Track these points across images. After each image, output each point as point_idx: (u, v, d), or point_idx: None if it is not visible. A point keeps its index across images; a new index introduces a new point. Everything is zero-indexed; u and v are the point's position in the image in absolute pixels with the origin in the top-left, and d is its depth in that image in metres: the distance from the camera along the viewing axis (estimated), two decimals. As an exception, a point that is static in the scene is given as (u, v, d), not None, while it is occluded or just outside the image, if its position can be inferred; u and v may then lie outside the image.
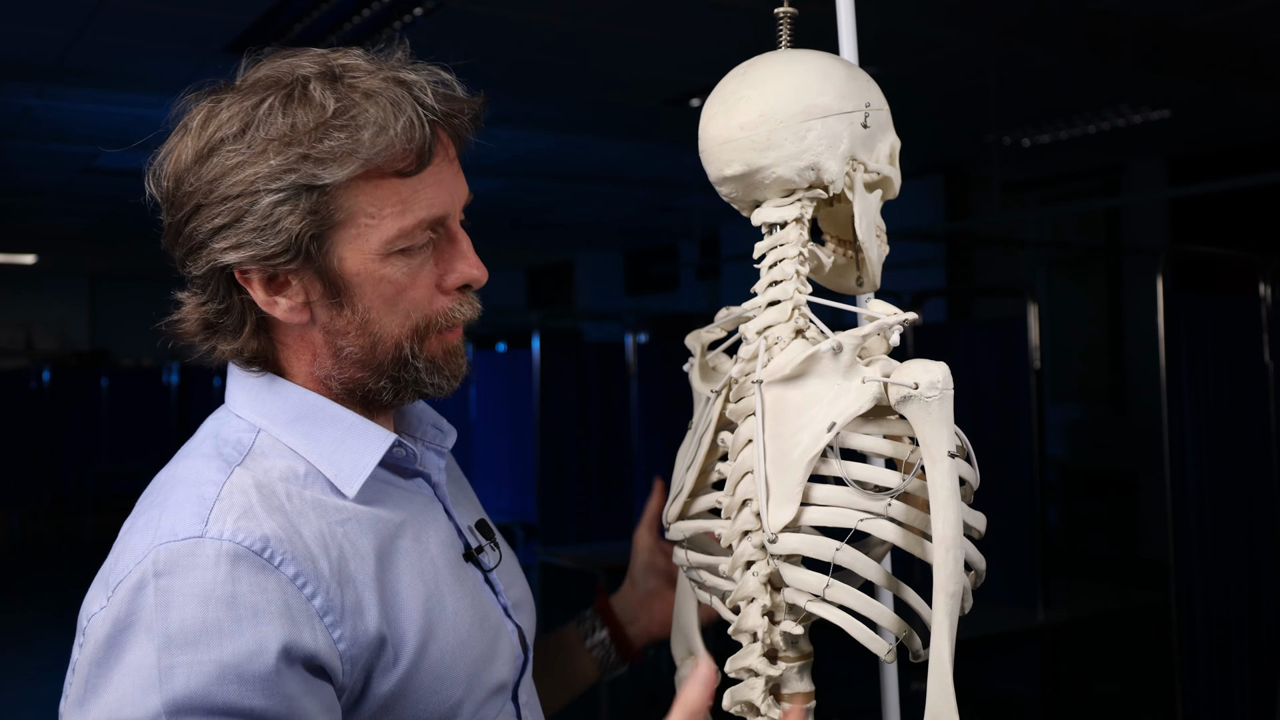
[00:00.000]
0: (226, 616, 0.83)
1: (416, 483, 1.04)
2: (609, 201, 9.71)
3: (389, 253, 0.93)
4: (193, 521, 0.87)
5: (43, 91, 5.66)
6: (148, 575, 0.85)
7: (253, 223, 0.90)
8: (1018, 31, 4.69)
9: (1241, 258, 3.41)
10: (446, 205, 0.96)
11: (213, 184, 0.91)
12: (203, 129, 0.92)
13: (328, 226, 0.92)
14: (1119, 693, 4.73)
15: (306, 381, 0.99)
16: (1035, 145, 6.85)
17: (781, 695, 1.01)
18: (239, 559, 0.85)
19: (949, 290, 7.95)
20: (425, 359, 0.98)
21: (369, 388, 0.98)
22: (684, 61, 5.15)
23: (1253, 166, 6.67)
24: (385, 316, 0.95)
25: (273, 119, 0.90)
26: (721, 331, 1.13)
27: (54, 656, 5.85)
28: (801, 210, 1.01)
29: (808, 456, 0.96)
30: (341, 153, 0.90)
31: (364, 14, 4.36)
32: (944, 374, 0.93)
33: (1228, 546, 3.11)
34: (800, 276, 1.01)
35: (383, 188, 0.92)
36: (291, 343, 0.98)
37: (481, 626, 1.00)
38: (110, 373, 9.45)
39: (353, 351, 0.96)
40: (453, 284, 0.98)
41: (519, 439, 5.79)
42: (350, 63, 0.95)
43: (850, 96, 0.99)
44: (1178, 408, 3.01)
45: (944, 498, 0.91)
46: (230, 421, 0.98)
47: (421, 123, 0.92)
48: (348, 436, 0.97)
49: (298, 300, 0.94)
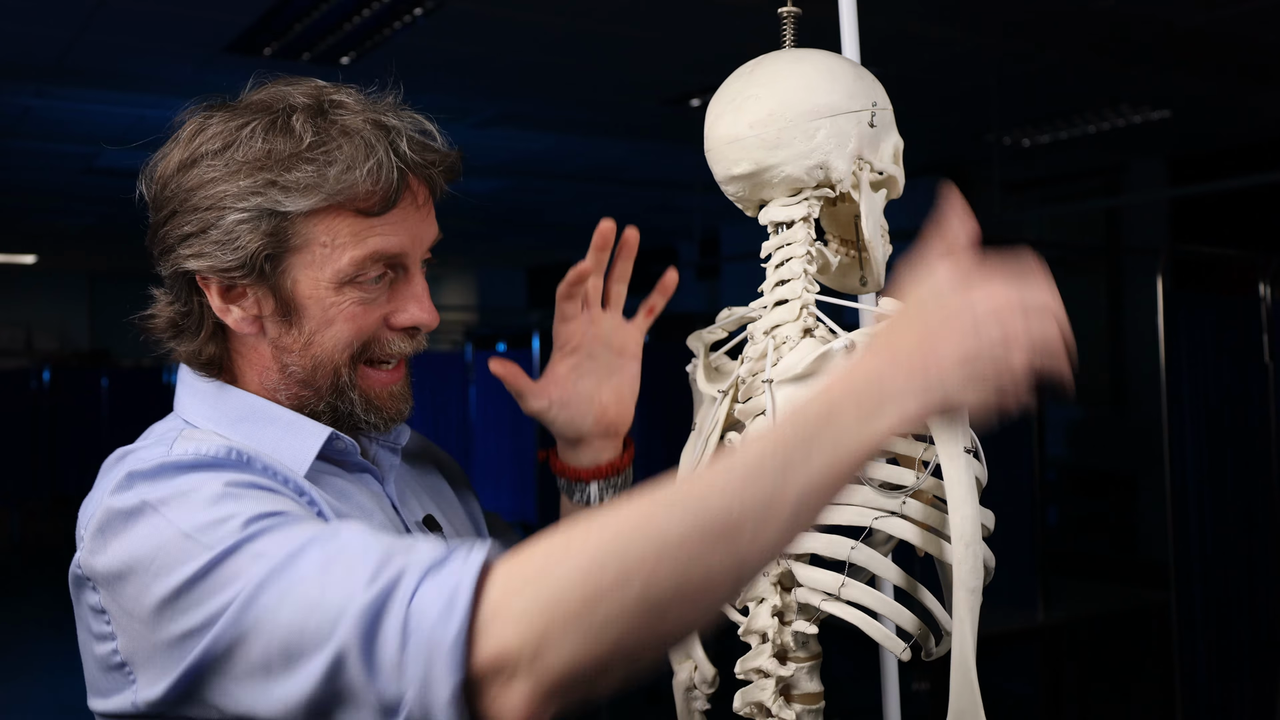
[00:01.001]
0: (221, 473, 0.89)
1: (363, 478, 1.06)
2: (609, 201, 9.70)
3: (341, 282, 0.97)
4: (157, 450, 0.93)
5: (43, 91, 5.65)
6: (122, 485, 0.89)
7: (216, 236, 0.95)
8: (1018, 31, 4.69)
9: (1241, 258, 3.41)
10: (405, 246, 0.99)
11: (189, 194, 0.96)
12: (190, 141, 0.98)
13: (284, 250, 0.96)
14: (1119, 693, 4.73)
15: (257, 391, 1.03)
16: (1035, 145, 6.84)
17: (792, 696, 1.01)
18: (210, 466, 0.90)
19: (949, 290, 7.93)
20: (360, 392, 1.01)
21: (311, 408, 1.02)
22: (684, 61, 5.15)
23: (1253, 166, 6.67)
24: (328, 340, 0.99)
25: (252, 142, 0.96)
26: (724, 332, 1.13)
27: (54, 656, 5.85)
28: (809, 209, 1.01)
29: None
30: (306, 184, 0.94)
31: (364, 14, 4.35)
32: None
33: (1228, 546, 3.11)
34: (808, 275, 1.01)
35: (341, 221, 0.96)
36: (245, 352, 1.02)
37: None
38: (110, 373, 9.45)
39: (296, 370, 1.00)
40: (401, 323, 1.02)
41: (519, 439, 5.79)
42: (340, 99, 0.99)
43: (858, 96, 0.99)
44: (1178, 408, 3.01)
45: (962, 494, 0.91)
46: (177, 424, 1.03)
47: (391, 167, 0.96)
48: (286, 433, 1.00)
49: (250, 313, 0.99)
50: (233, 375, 1.04)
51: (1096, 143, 6.85)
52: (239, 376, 1.03)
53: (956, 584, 0.91)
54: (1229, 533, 3.12)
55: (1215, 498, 3.08)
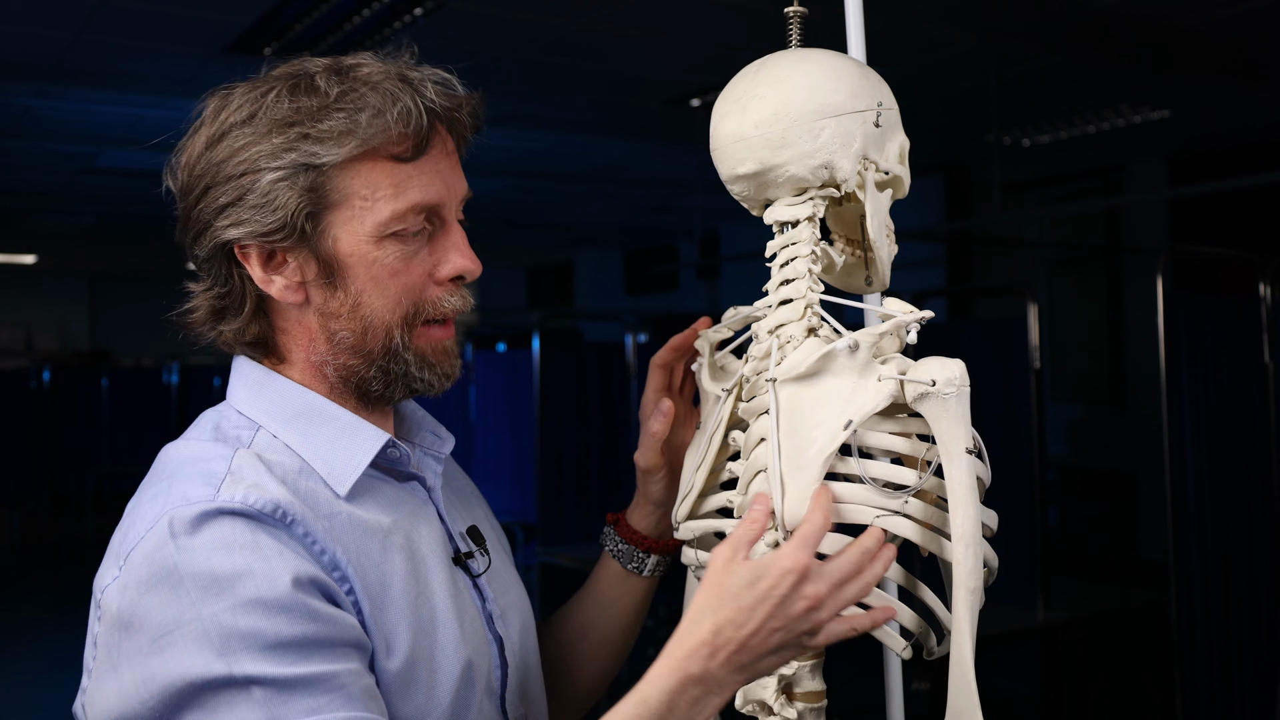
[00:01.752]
0: (254, 558, 0.86)
1: (411, 486, 1.05)
2: (609, 201, 9.71)
3: (382, 235, 0.96)
4: (204, 489, 0.89)
5: (43, 91, 5.65)
6: (164, 537, 0.86)
7: (253, 200, 0.94)
8: (1018, 31, 4.69)
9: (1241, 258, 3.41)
10: (441, 194, 0.99)
11: (220, 165, 0.95)
12: (214, 118, 0.97)
13: (324, 206, 0.95)
14: (1119, 693, 4.73)
15: (305, 369, 1.01)
16: (1035, 145, 6.85)
17: (794, 694, 1.01)
18: (254, 518, 0.88)
19: (949, 290, 7.95)
20: (414, 351, 1.00)
21: (361, 375, 1.00)
22: (684, 61, 5.15)
23: (1253, 166, 6.67)
24: (376, 300, 0.97)
25: (279, 104, 0.95)
26: (729, 331, 1.13)
27: (54, 656, 5.85)
28: (814, 209, 1.01)
29: (824, 454, 0.96)
30: (339, 132, 0.93)
31: (364, 14, 4.36)
32: (961, 371, 0.94)
33: (1228, 546, 3.11)
34: (813, 275, 1.01)
35: (378, 170, 0.95)
36: (289, 327, 1.01)
37: (470, 628, 1.01)
38: (110, 373, 9.46)
39: (345, 336, 0.98)
40: (445, 274, 1.00)
41: (519, 439, 5.79)
42: (358, 61, 0.99)
43: (863, 95, 0.99)
44: (1178, 408, 3.00)
45: (963, 494, 0.92)
46: (230, 416, 1.01)
47: (419, 111, 0.95)
48: (342, 435, 0.99)
49: (293, 279, 0.97)
50: (280, 354, 1.02)
51: (1096, 143, 6.85)
52: (286, 355, 1.01)
53: (956, 584, 0.92)
54: (1229, 533, 3.12)
55: (1215, 498, 3.08)
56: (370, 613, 0.92)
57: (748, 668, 0.91)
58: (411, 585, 0.97)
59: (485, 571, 1.07)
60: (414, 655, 0.94)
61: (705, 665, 0.90)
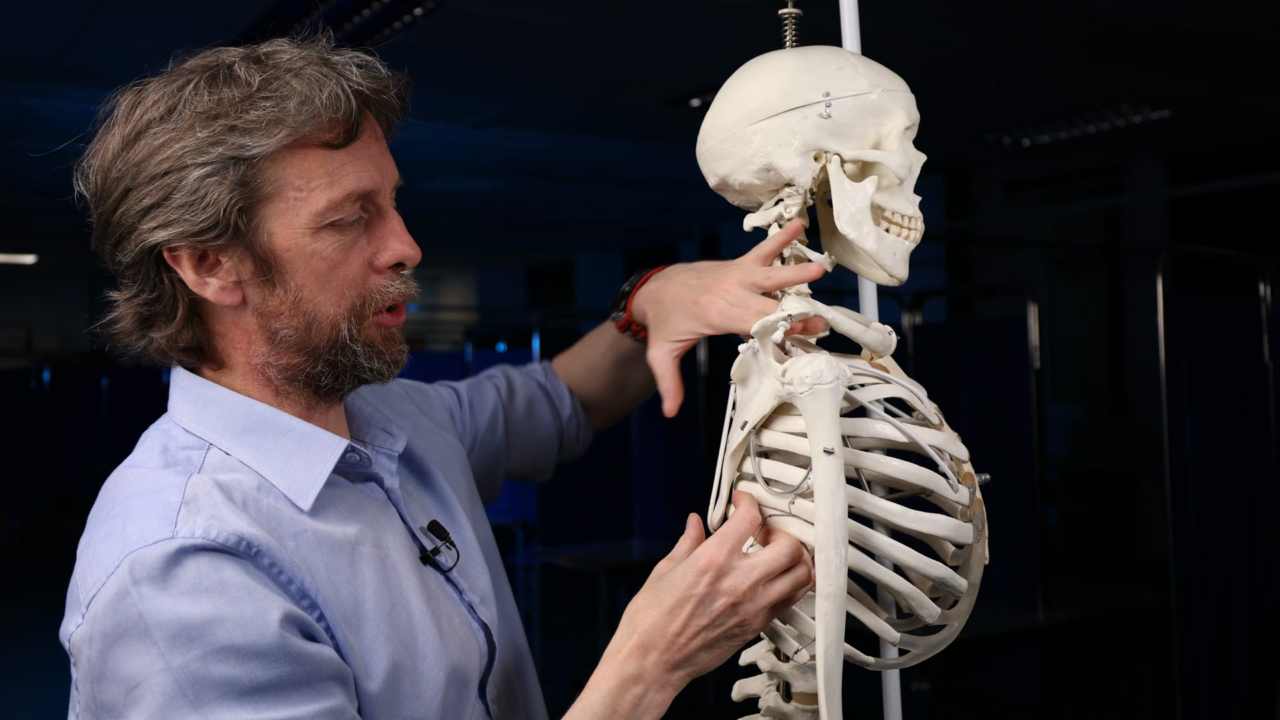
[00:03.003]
0: (223, 602, 0.83)
1: (369, 486, 1.03)
2: (609, 201, 9.71)
3: (319, 226, 0.92)
4: (160, 525, 0.85)
5: (43, 91, 5.66)
6: (126, 585, 0.83)
7: (181, 198, 0.89)
8: (1018, 31, 4.69)
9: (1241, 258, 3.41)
10: (376, 181, 0.95)
11: (140, 165, 0.91)
12: (128, 116, 0.93)
13: (256, 200, 0.91)
14: (1119, 693, 4.73)
15: (246, 373, 0.97)
16: (1035, 145, 6.85)
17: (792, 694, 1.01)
18: (215, 553, 0.84)
19: (949, 290, 7.95)
20: (364, 342, 0.97)
21: (308, 372, 0.97)
22: (684, 61, 5.15)
23: (1253, 166, 6.67)
24: (319, 295, 0.94)
25: (199, 97, 0.90)
26: None
27: (54, 656, 5.85)
28: (782, 211, 1.01)
29: (730, 455, 0.98)
30: (268, 121, 0.89)
31: (364, 14, 4.36)
32: (818, 368, 0.91)
33: (1228, 546, 3.11)
34: None
35: (310, 159, 0.92)
36: (225, 330, 0.97)
37: (448, 628, 1.00)
38: (110, 373, 9.45)
39: (288, 334, 0.95)
40: (385, 262, 0.97)
41: (519, 439, 5.78)
42: (274, 49, 0.95)
43: (799, 91, 0.98)
44: (1178, 408, 3.00)
45: (819, 495, 0.89)
46: (177, 435, 0.97)
47: (347, 96, 0.92)
48: (298, 446, 0.96)
49: (229, 280, 0.93)
50: (218, 360, 0.98)
51: (1096, 143, 6.85)
52: (225, 360, 0.97)
53: (817, 590, 0.89)
54: (1229, 533, 3.11)
55: (1215, 498, 3.08)
56: (345, 635, 0.90)
57: (684, 664, 0.92)
58: (385, 597, 0.95)
59: (455, 565, 1.05)
60: (396, 669, 0.93)
61: (640, 665, 0.91)
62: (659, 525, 5.09)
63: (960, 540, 0.95)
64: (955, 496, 0.95)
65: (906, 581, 0.94)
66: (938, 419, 0.98)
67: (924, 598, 0.95)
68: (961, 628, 0.99)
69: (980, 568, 0.99)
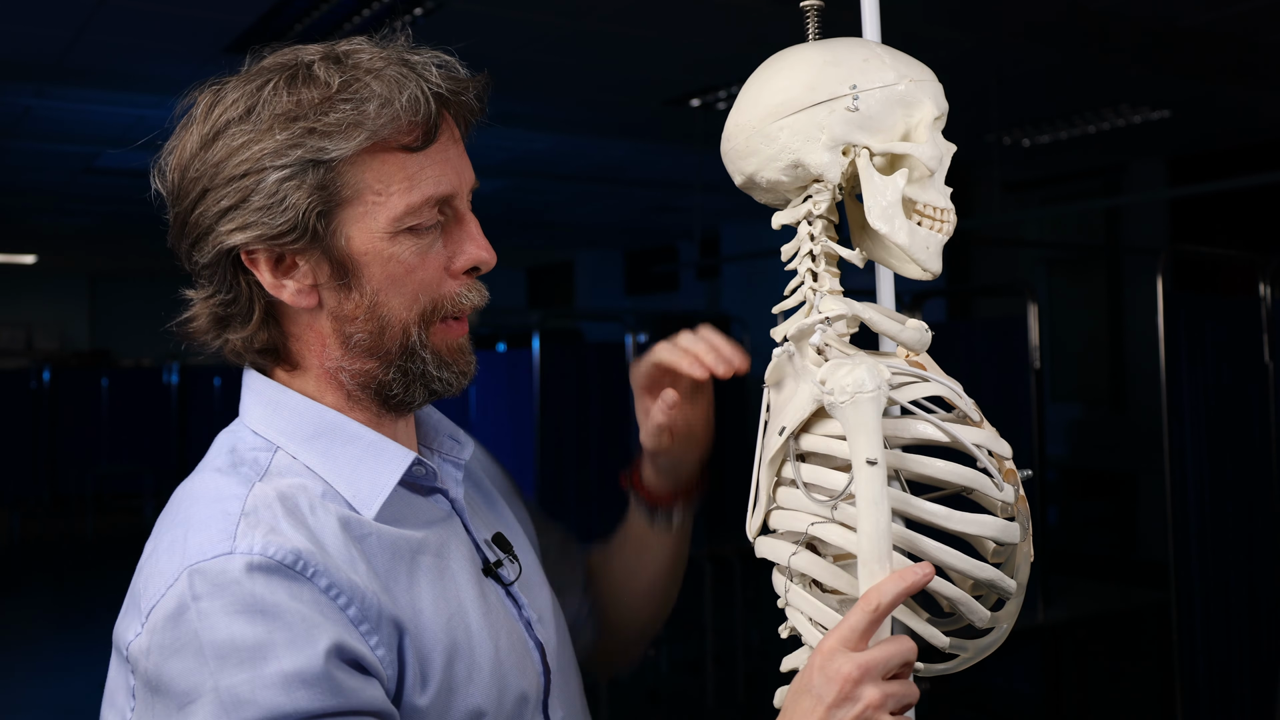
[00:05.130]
0: (276, 626, 0.82)
1: (434, 498, 1.02)
2: (609, 201, 9.71)
3: (397, 231, 0.92)
4: (220, 539, 0.85)
5: (43, 91, 5.65)
6: (186, 600, 0.83)
7: (259, 201, 0.89)
8: (1018, 31, 4.69)
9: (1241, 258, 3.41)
10: (454, 184, 0.95)
11: (218, 166, 0.90)
12: (207, 116, 0.92)
13: (335, 204, 0.90)
14: (1119, 693, 4.73)
15: (319, 376, 0.97)
16: (1035, 145, 6.85)
17: None
18: (272, 572, 0.84)
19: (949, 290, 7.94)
20: (432, 350, 0.96)
21: (379, 379, 0.96)
22: (684, 61, 5.15)
23: (1253, 166, 6.67)
24: (393, 299, 0.93)
25: (277, 98, 0.90)
26: None
27: (54, 656, 5.85)
28: (811, 207, 0.99)
29: (768, 461, 0.96)
30: (347, 125, 0.89)
31: (364, 14, 4.36)
32: (859, 378, 0.88)
33: (1227, 546, 3.11)
34: (816, 275, 0.99)
35: (389, 163, 0.91)
36: (300, 333, 0.96)
37: (508, 642, 0.99)
38: (110, 373, 9.45)
39: (361, 338, 0.94)
40: (461, 266, 0.96)
41: (519, 439, 5.79)
42: (353, 47, 0.95)
43: (824, 85, 0.96)
44: (1178, 408, 3.00)
45: (861, 507, 0.87)
46: (246, 437, 0.96)
47: (426, 98, 0.91)
48: (366, 455, 0.95)
49: (305, 283, 0.93)
50: (292, 362, 0.97)
51: (1096, 143, 6.85)
52: (299, 362, 0.97)
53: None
54: (1229, 533, 3.11)
55: (1215, 498, 3.08)
56: (403, 644, 0.90)
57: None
58: (443, 607, 0.94)
59: (517, 579, 1.04)
60: (450, 679, 0.92)
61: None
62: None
63: (1007, 539, 0.92)
64: (1000, 495, 0.92)
65: (954, 585, 0.92)
66: (978, 415, 0.96)
67: (973, 601, 0.93)
68: (1010, 629, 0.97)
69: (1027, 566, 0.96)
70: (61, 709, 5.01)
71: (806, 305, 0.98)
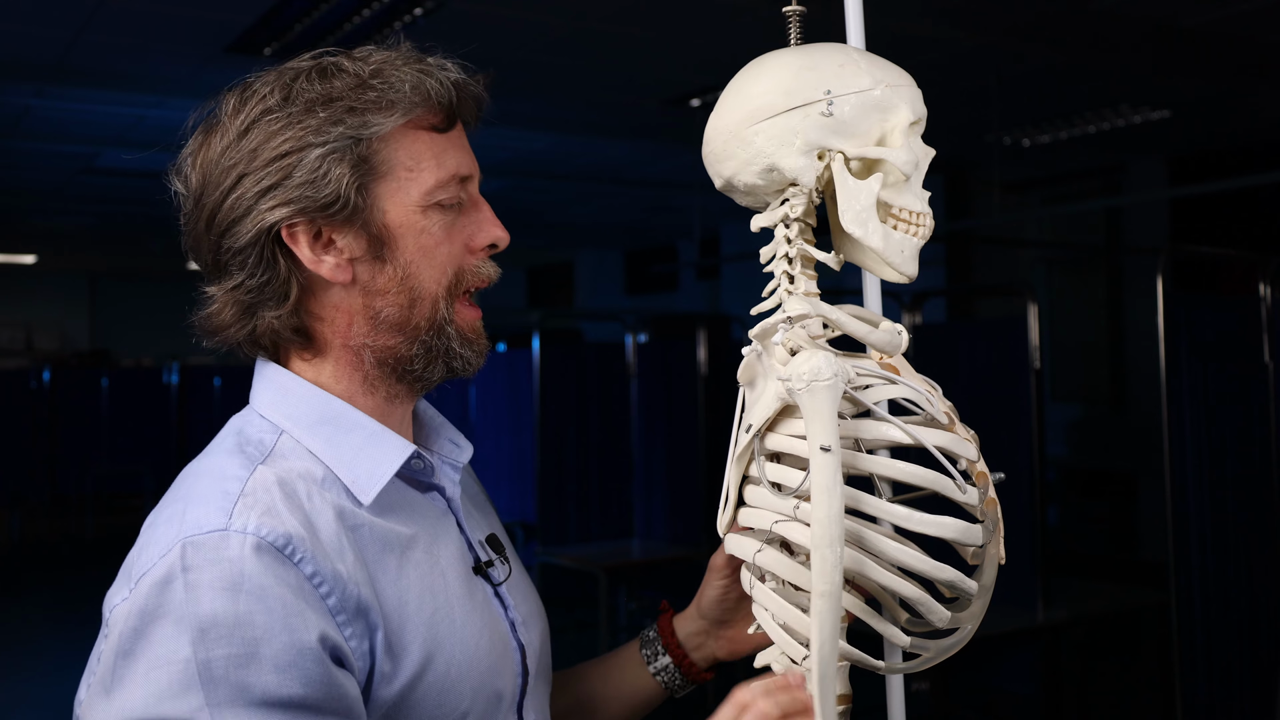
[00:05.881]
0: (258, 608, 0.85)
1: (431, 496, 1.05)
2: (609, 201, 9.71)
3: (428, 205, 0.98)
4: (217, 515, 0.89)
5: (43, 91, 5.66)
6: (175, 569, 0.86)
7: (302, 176, 0.94)
8: (1018, 31, 4.69)
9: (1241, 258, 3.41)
10: (472, 166, 1.02)
11: (255, 151, 0.95)
12: (238, 112, 0.97)
13: (372, 178, 0.96)
14: (1119, 693, 4.73)
15: (340, 355, 1.01)
16: (1035, 145, 6.85)
17: None
18: (263, 551, 0.87)
19: (949, 290, 7.95)
20: (456, 325, 1.01)
21: (401, 354, 1.00)
22: (684, 61, 5.15)
23: (1253, 166, 6.67)
24: (424, 271, 0.99)
25: (312, 86, 0.96)
26: None
27: (54, 656, 5.86)
28: (788, 211, 1.00)
29: (736, 459, 0.98)
30: (385, 103, 0.96)
31: (364, 14, 4.36)
32: (815, 365, 0.90)
33: (1227, 547, 3.11)
34: (792, 278, 1.00)
35: (420, 141, 0.98)
36: (328, 314, 1.00)
37: (490, 640, 1.01)
38: (110, 373, 9.45)
39: (390, 313, 0.99)
40: (482, 242, 1.03)
41: (519, 439, 5.80)
42: (366, 50, 1.01)
43: (800, 90, 0.97)
44: (1177, 408, 3.00)
45: (815, 493, 0.88)
46: (254, 421, 1.00)
47: (447, 86, 0.99)
48: (368, 444, 0.99)
49: (342, 258, 0.97)
50: (314, 347, 1.01)
51: (1096, 143, 6.86)
52: (321, 346, 1.01)
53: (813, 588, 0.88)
54: (1229, 533, 3.12)
55: (1215, 498, 3.08)
56: (383, 639, 0.92)
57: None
58: (428, 601, 0.96)
59: (506, 580, 1.07)
60: (429, 673, 0.94)
61: None
62: (659, 525, 5.09)
63: (968, 541, 0.93)
64: (963, 498, 0.94)
65: (910, 585, 0.93)
66: (948, 419, 0.97)
67: (931, 601, 0.93)
68: (975, 630, 0.98)
69: (994, 568, 0.97)
70: (61, 709, 5.01)
71: (779, 309, 1.00)
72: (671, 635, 1.22)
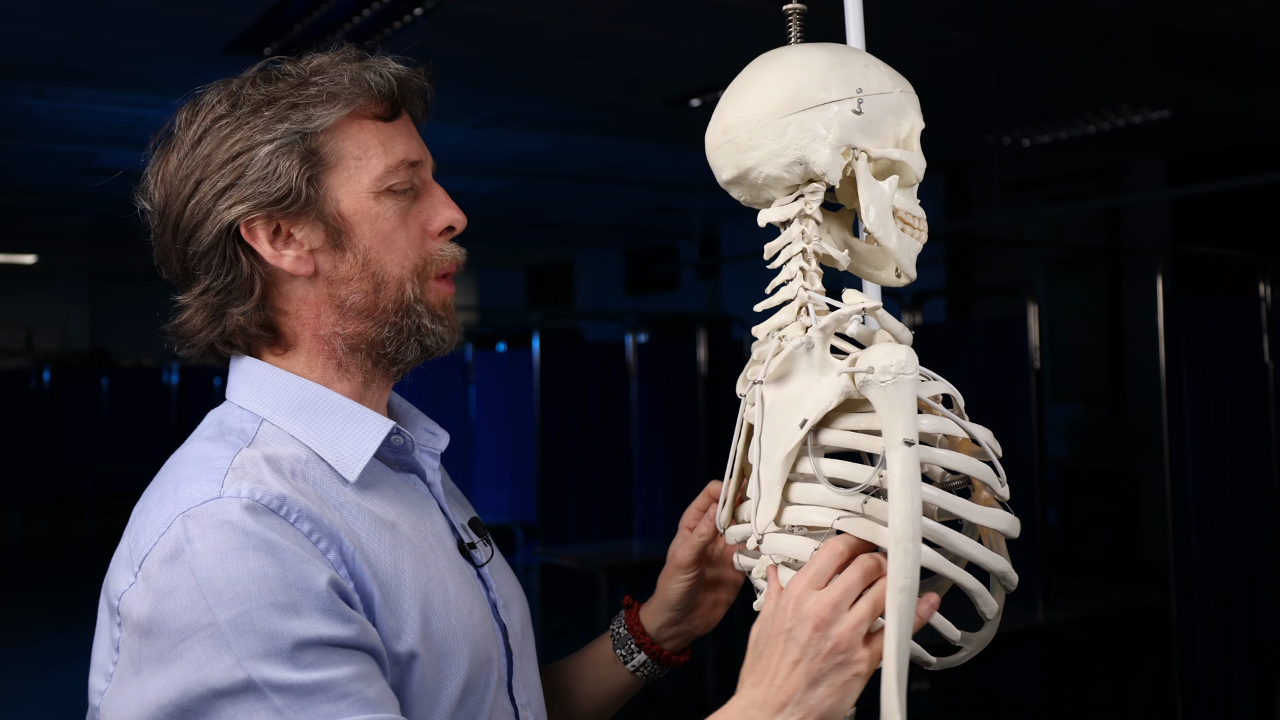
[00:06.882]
0: (268, 560, 0.87)
1: (411, 479, 1.06)
2: (609, 201, 9.71)
3: (379, 190, 1.01)
4: (209, 486, 0.91)
5: (43, 91, 5.66)
6: (180, 541, 0.87)
7: (254, 174, 0.97)
8: (1018, 31, 4.69)
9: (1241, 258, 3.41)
10: (421, 152, 1.05)
11: (209, 157, 0.98)
12: (190, 123, 1.00)
13: (321, 169, 0.99)
14: (1119, 693, 4.73)
15: (311, 346, 1.02)
16: (1035, 145, 6.85)
17: None
18: (260, 511, 0.89)
19: (949, 290, 7.95)
20: (426, 304, 1.03)
21: (373, 339, 1.02)
22: (684, 61, 5.16)
23: (1253, 166, 6.68)
24: (385, 255, 1.01)
25: (256, 90, 0.99)
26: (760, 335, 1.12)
27: (54, 656, 5.86)
28: (803, 206, 1.00)
29: (785, 455, 0.96)
30: (326, 96, 0.99)
31: (364, 14, 4.36)
32: (903, 357, 0.90)
33: (1227, 547, 3.11)
34: (806, 274, 1.00)
35: (365, 130, 1.01)
36: (294, 308, 1.02)
37: (480, 614, 1.03)
38: (110, 373, 9.45)
39: (356, 299, 1.01)
40: (438, 226, 1.05)
41: (519, 439, 5.79)
42: (310, 56, 1.04)
43: (834, 85, 0.97)
44: (1177, 408, 3.00)
45: (896, 487, 0.88)
46: (233, 412, 1.02)
47: (388, 78, 1.02)
48: (348, 423, 1.01)
49: (302, 250, 1.00)
50: (284, 342, 1.03)
51: (1096, 143, 6.86)
52: (290, 340, 1.03)
53: (889, 582, 0.88)
54: (1229, 533, 3.12)
55: (1215, 498, 3.08)
56: (381, 602, 0.93)
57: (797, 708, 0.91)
58: (422, 572, 0.98)
59: (488, 562, 1.09)
60: (427, 639, 0.95)
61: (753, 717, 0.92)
62: (659, 525, 5.09)
63: (1013, 533, 0.95)
64: (1001, 491, 0.96)
65: (973, 577, 0.94)
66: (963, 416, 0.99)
67: (987, 593, 0.95)
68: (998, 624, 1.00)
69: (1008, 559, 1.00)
70: (61, 709, 5.01)
71: (796, 303, 0.99)
72: (643, 633, 1.24)
